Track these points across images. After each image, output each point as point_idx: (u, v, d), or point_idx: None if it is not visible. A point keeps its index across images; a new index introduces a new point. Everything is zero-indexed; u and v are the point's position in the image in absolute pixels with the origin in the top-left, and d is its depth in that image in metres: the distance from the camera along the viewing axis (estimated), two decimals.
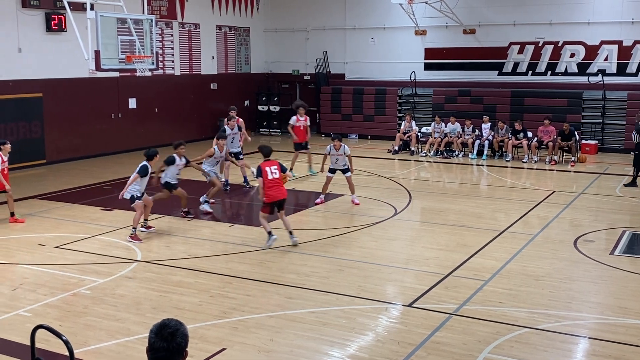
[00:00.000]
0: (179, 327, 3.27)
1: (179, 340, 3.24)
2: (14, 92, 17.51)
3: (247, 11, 25.97)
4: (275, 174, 10.53)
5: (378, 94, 24.39)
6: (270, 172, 10.49)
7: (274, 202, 10.55)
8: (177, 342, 3.23)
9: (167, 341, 3.21)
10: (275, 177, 10.52)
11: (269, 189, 10.49)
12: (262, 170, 10.47)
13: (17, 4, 17.37)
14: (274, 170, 10.54)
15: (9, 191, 12.24)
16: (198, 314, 7.79)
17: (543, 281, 8.98)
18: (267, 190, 10.49)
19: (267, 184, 10.48)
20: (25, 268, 9.55)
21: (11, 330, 7.33)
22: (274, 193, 10.51)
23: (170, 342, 3.22)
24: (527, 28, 22.49)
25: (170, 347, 3.21)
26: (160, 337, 3.22)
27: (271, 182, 10.48)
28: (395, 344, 6.98)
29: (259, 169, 10.54)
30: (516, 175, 17.84)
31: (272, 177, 10.49)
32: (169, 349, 3.21)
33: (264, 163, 10.63)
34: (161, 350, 3.21)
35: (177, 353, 3.24)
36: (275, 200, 10.54)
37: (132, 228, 11.14)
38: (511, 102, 22.20)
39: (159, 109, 22.07)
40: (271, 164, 10.65)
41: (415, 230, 12.24)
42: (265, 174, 10.46)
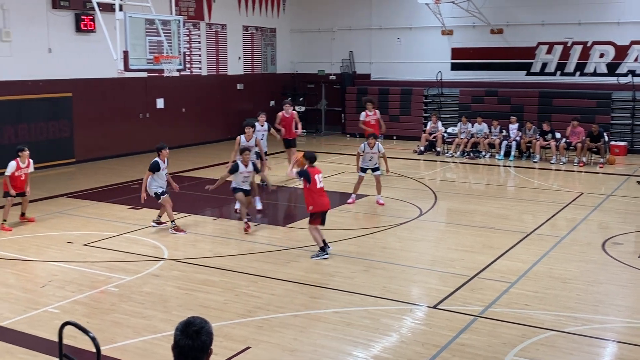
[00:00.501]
0: (204, 325, 3.30)
1: (204, 338, 3.26)
2: (44, 91, 17.80)
3: (274, 11, 26.07)
4: (321, 182, 10.18)
5: (404, 94, 24.30)
6: (319, 180, 10.13)
7: (322, 212, 10.15)
8: (202, 340, 3.25)
9: (192, 339, 3.24)
10: (322, 185, 10.18)
11: (318, 197, 10.10)
12: (312, 178, 10.04)
13: (48, 5, 17.65)
14: (321, 179, 10.19)
15: (27, 194, 12.39)
16: (223, 313, 7.84)
17: (570, 284, 8.88)
18: (314, 198, 10.08)
19: (316, 192, 10.08)
20: (54, 265, 9.70)
21: (39, 327, 7.45)
22: (324, 201, 10.15)
23: (195, 339, 3.24)
24: (555, 28, 22.24)
25: (195, 345, 3.24)
26: (186, 335, 3.25)
27: (320, 190, 10.12)
28: (420, 346, 6.96)
29: (307, 174, 10.06)
30: (544, 177, 17.65)
31: (320, 185, 10.12)
32: (194, 347, 3.24)
33: (311, 169, 10.18)
34: (186, 347, 3.24)
35: (201, 351, 3.27)
36: (323, 209, 10.15)
37: (171, 222, 11.46)
38: (539, 102, 21.96)
39: (186, 109, 22.26)
40: (318, 171, 10.24)
41: (441, 231, 12.18)
42: (314, 181, 10.06)
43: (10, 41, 16.81)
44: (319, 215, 10.10)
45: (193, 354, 3.25)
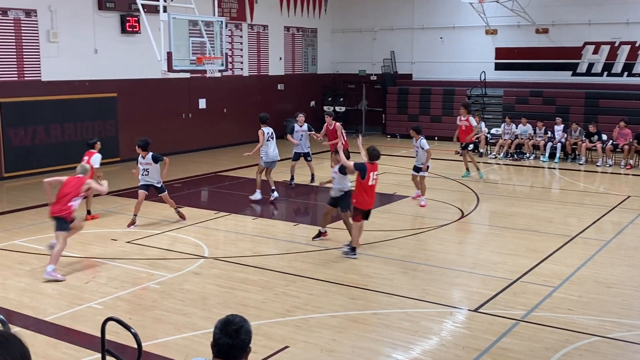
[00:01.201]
0: (243, 323, 3.30)
1: (243, 337, 3.26)
2: (90, 92, 18.15)
3: (315, 12, 26.11)
4: (375, 180, 10.00)
5: (446, 94, 24.07)
6: (372, 178, 9.92)
7: (366, 210, 10.04)
8: (241, 339, 3.26)
9: (232, 337, 3.24)
10: (374, 184, 10.01)
11: (365, 195, 9.91)
12: (367, 173, 9.83)
13: (94, 7, 17.99)
14: (375, 176, 10.01)
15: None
16: (262, 311, 7.87)
17: (615, 289, 8.66)
18: (362, 195, 9.91)
19: (366, 189, 9.89)
20: (98, 262, 9.87)
21: (83, 322, 7.59)
22: (370, 200, 10.01)
23: (235, 338, 3.25)
24: (602, 27, 21.75)
25: (234, 344, 3.25)
26: (225, 334, 3.26)
27: (370, 188, 9.96)
28: (460, 349, 6.87)
29: (364, 168, 9.84)
30: (589, 179, 17.28)
31: (372, 183, 9.94)
32: (233, 345, 3.25)
33: (370, 165, 9.94)
34: (225, 346, 3.25)
35: (240, 349, 3.27)
36: (368, 208, 10.03)
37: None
38: (585, 103, 21.51)
39: (227, 109, 22.45)
40: (375, 168, 10.02)
41: (483, 233, 12.02)
42: (368, 177, 9.86)
43: (57, 42, 17.20)
44: (361, 212, 9.99)
45: (232, 352, 3.25)
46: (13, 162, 16.53)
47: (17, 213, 13.02)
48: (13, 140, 16.53)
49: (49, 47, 17.09)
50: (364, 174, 9.84)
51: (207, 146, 21.31)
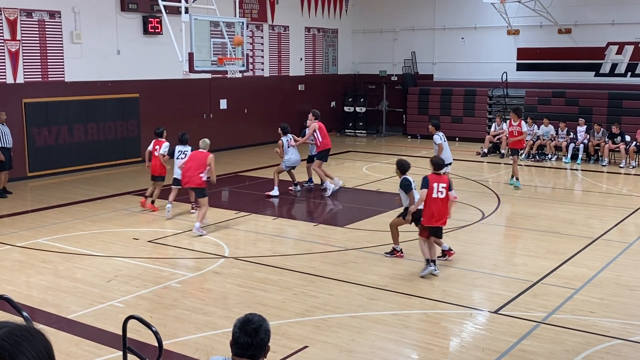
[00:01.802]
0: (262, 322, 3.32)
1: (262, 336, 3.29)
2: (112, 92, 18.33)
3: (336, 13, 26.12)
4: (441, 193, 9.05)
5: (467, 95, 23.95)
6: (437, 190, 9.07)
7: (433, 227, 9.25)
8: (260, 338, 3.28)
9: (251, 336, 3.27)
10: (440, 196, 9.06)
11: (432, 208, 9.11)
12: (429, 185, 9.04)
13: (117, 8, 18.17)
14: (441, 189, 9.07)
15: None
16: (281, 311, 7.90)
17: (638, 291, 8.57)
18: (429, 212, 9.14)
19: (430, 203, 9.10)
20: (120, 261, 9.98)
21: (105, 320, 7.68)
22: (435, 216, 9.13)
23: (254, 337, 3.27)
24: (626, 27, 21.50)
25: (253, 343, 3.27)
26: (244, 333, 3.28)
27: (434, 201, 9.07)
28: (480, 351, 6.84)
29: (426, 181, 9.10)
30: (612, 181, 17.09)
31: (436, 195, 9.05)
32: (252, 344, 3.27)
33: (433, 176, 9.18)
34: (245, 345, 3.27)
35: (259, 348, 3.30)
36: (435, 225, 9.23)
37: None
38: (608, 104, 21.27)
39: (248, 109, 22.54)
40: (441, 180, 9.16)
41: (504, 235, 11.95)
42: (430, 190, 9.04)
43: (80, 43, 17.40)
44: (427, 228, 9.22)
45: (251, 351, 3.28)
46: (37, 161, 16.75)
47: (40, 212, 13.19)
48: (37, 140, 16.75)
49: (73, 48, 17.29)
50: (425, 185, 9.09)
51: (227, 146, 21.41)
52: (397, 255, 10.10)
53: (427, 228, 9.20)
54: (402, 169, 9.79)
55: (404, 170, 9.77)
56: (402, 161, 9.90)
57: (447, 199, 9.16)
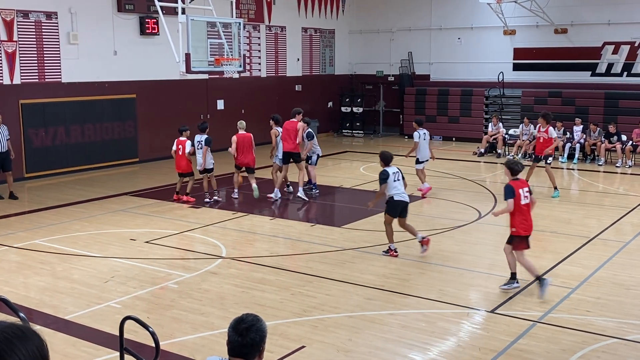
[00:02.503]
0: (255, 322, 3.31)
1: (253, 336, 3.27)
2: (109, 93, 18.33)
3: (333, 13, 26.14)
4: (527, 198, 8.51)
5: (464, 95, 24.00)
6: (523, 196, 8.48)
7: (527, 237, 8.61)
8: (251, 337, 3.26)
9: (242, 335, 3.26)
10: (526, 202, 8.50)
11: (521, 218, 8.49)
12: (516, 193, 8.40)
13: (113, 9, 18.17)
14: (526, 194, 8.51)
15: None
16: (279, 311, 7.91)
17: (634, 290, 8.60)
18: (518, 221, 8.50)
19: (520, 212, 8.46)
20: (117, 261, 9.98)
21: (102, 321, 7.68)
22: (527, 223, 8.54)
23: (245, 336, 3.26)
24: (622, 27, 21.55)
25: (244, 342, 3.26)
26: (236, 332, 3.28)
27: (523, 208, 8.47)
28: (476, 350, 6.86)
29: (511, 190, 8.42)
30: (609, 180, 17.13)
31: (524, 202, 8.47)
32: (242, 344, 3.27)
33: (514, 183, 8.54)
34: (235, 344, 3.28)
35: (251, 348, 3.28)
36: (527, 234, 8.59)
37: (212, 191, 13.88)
38: (604, 104, 21.32)
39: (245, 110, 22.52)
40: (523, 185, 8.62)
41: (500, 234, 11.91)
42: (518, 197, 8.41)
43: (77, 44, 17.40)
44: (522, 238, 8.55)
45: (243, 350, 3.27)
46: (34, 162, 16.74)
47: (38, 213, 13.19)
48: (34, 141, 16.75)
49: (69, 49, 17.28)
50: (511, 195, 8.42)
51: (225, 147, 21.33)
52: (391, 254, 10.11)
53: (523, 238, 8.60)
54: (384, 160, 10.08)
55: (386, 161, 10.05)
56: (384, 152, 10.23)
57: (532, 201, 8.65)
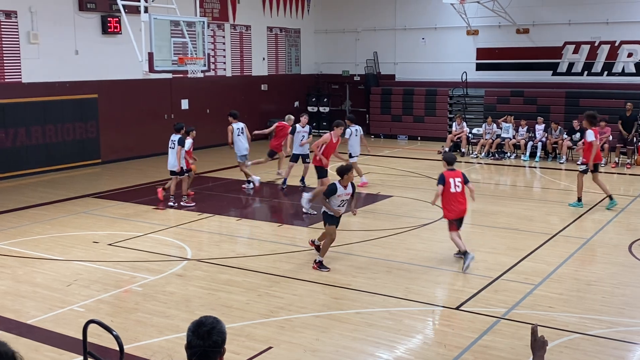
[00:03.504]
0: (215, 324, 3.27)
1: (216, 338, 3.23)
2: (70, 93, 18.03)
3: (298, 12, 26.12)
4: (458, 187, 9.57)
5: (428, 94, 24.20)
6: (454, 185, 9.57)
7: (457, 219, 9.69)
8: (213, 340, 3.23)
9: (203, 339, 3.22)
10: (458, 190, 9.57)
11: (452, 204, 9.60)
12: (446, 181, 9.57)
13: (75, 8, 17.88)
14: (457, 183, 9.59)
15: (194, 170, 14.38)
16: (246, 313, 7.87)
17: (595, 286, 8.77)
18: (449, 204, 9.62)
19: (450, 198, 9.59)
20: (80, 264, 9.82)
21: (65, 325, 7.55)
22: (457, 208, 9.61)
23: (207, 339, 3.22)
24: (582, 27, 21.97)
25: (206, 345, 3.22)
26: (197, 335, 3.23)
27: (454, 195, 9.58)
28: (442, 347, 6.92)
29: (442, 178, 9.64)
30: (570, 178, 17.39)
31: (455, 190, 9.55)
32: (205, 347, 3.23)
33: (447, 172, 9.71)
34: (198, 347, 3.23)
35: (213, 351, 3.25)
36: (459, 217, 9.68)
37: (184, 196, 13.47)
38: (566, 103, 21.72)
39: (210, 109, 22.39)
40: (455, 175, 9.68)
41: (465, 232, 12.02)
42: (448, 185, 9.56)
43: (37, 43, 17.08)
44: (454, 221, 9.66)
45: (205, 354, 3.24)
46: None
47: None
48: None
49: (30, 49, 16.96)
50: (442, 182, 9.61)
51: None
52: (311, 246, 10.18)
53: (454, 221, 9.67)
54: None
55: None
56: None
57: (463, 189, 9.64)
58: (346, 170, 9.41)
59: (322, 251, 9.63)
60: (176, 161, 13.44)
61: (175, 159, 13.47)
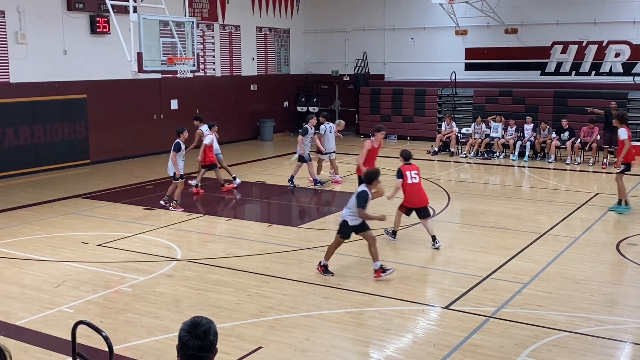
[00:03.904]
0: (210, 325, 3.32)
1: (212, 338, 3.29)
2: (59, 93, 17.94)
3: (287, 13, 26.12)
4: (415, 179, 10.51)
5: (417, 94, 24.25)
6: (410, 177, 10.50)
7: (412, 208, 10.66)
8: (210, 340, 3.28)
9: (201, 339, 3.26)
10: (414, 182, 10.51)
11: (410, 195, 10.57)
12: (403, 174, 10.51)
13: (63, 7, 17.79)
14: (414, 175, 10.52)
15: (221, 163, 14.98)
16: (235, 313, 7.87)
17: (584, 284, 8.82)
18: (406, 195, 10.60)
19: (407, 190, 10.54)
20: (69, 265, 9.78)
21: (54, 326, 7.52)
22: (414, 199, 10.57)
23: (204, 340, 3.26)
24: (570, 27, 22.10)
25: (204, 345, 3.26)
26: (194, 336, 3.26)
27: (411, 187, 10.53)
28: (432, 346, 6.95)
29: (399, 172, 10.57)
30: (559, 177, 17.55)
31: (411, 181, 10.50)
32: (202, 347, 3.26)
33: (404, 166, 10.63)
34: (195, 348, 3.26)
35: (209, 351, 3.29)
36: (414, 206, 10.62)
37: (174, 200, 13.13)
38: (554, 102, 21.83)
39: (200, 109, 22.30)
40: (412, 168, 10.63)
41: (454, 232, 12.14)
42: (405, 177, 10.49)
43: (25, 43, 16.98)
44: (405, 208, 10.72)
45: (201, 354, 3.27)
46: None
47: None
48: None
49: (18, 49, 16.86)
50: (400, 175, 10.56)
51: None
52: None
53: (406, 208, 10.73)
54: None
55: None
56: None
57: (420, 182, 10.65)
58: (376, 174, 9.27)
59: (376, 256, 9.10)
60: (172, 166, 13.20)
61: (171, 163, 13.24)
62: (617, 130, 13.07)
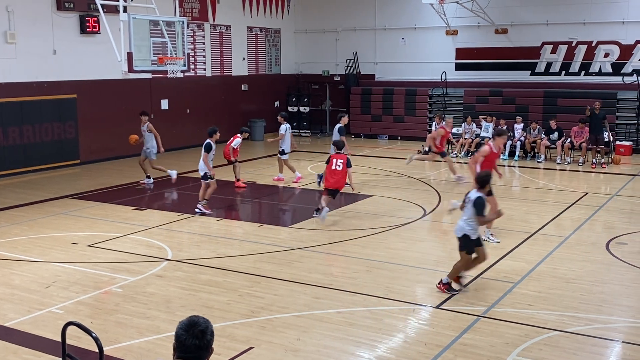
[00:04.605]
0: (207, 324, 3.36)
1: (209, 338, 3.34)
2: (49, 93, 17.85)
3: (278, 12, 26.10)
4: (339, 166, 12.18)
5: (408, 94, 24.30)
6: (335, 164, 12.22)
7: (330, 190, 12.28)
8: (207, 340, 3.32)
9: (199, 339, 3.29)
10: (337, 169, 12.18)
11: (329, 177, 12.29)
12: (330, 161, 12.33)
13: (52, 7, 17.71)
14: (339, 163, 12.19)
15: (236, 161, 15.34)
16: (226, 313, 7.86)
17: (574, 284, 8.86)
18: (327, 177, 12.35)
19: (329, 173, 12.30)
20: (59, 266, 9.73)
21: (43, 327, 7.48)
22: (331, 182, 12.28)
23: (202, 339, 3.30)
24: (560, 27, 22.20)
25: (201, 345, 3.30)
26: (192, 335, 3.29)
27: (332, 172, 12.25)
28: (422, 346, 6.96)
29: (329, 158, 12.49)
30: (549, 177, 17.62)
31: (334, 167, 12.20)
32: (200, 347, 3.30)
33: (333, 155, 12.48)
34: (192, 347, 3.28)
35: (206, 350, 3.32)
36: (331, 188, 12.28)
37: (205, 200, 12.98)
38: (544, 102, 21.93)
39: (190, 110, 22.30)
40: (340, 157, 12.31)
41: (445, 231, 12.15)
42: (330, 163, 12.29)
43: (15, 43, 16.89)
44: (327, 190, 12.40)
45: (198, 353, 3.30)
46: None
47: None
48: None
49: (7, 48, 16.76)
50: (328, 160, 12.50)
51: (169, 147, 21.10)
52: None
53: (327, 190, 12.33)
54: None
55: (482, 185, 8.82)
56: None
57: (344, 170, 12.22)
58: (488, 178, 8.82)
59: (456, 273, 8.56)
60: (204, 166, 13.03)
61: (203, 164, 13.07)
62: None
